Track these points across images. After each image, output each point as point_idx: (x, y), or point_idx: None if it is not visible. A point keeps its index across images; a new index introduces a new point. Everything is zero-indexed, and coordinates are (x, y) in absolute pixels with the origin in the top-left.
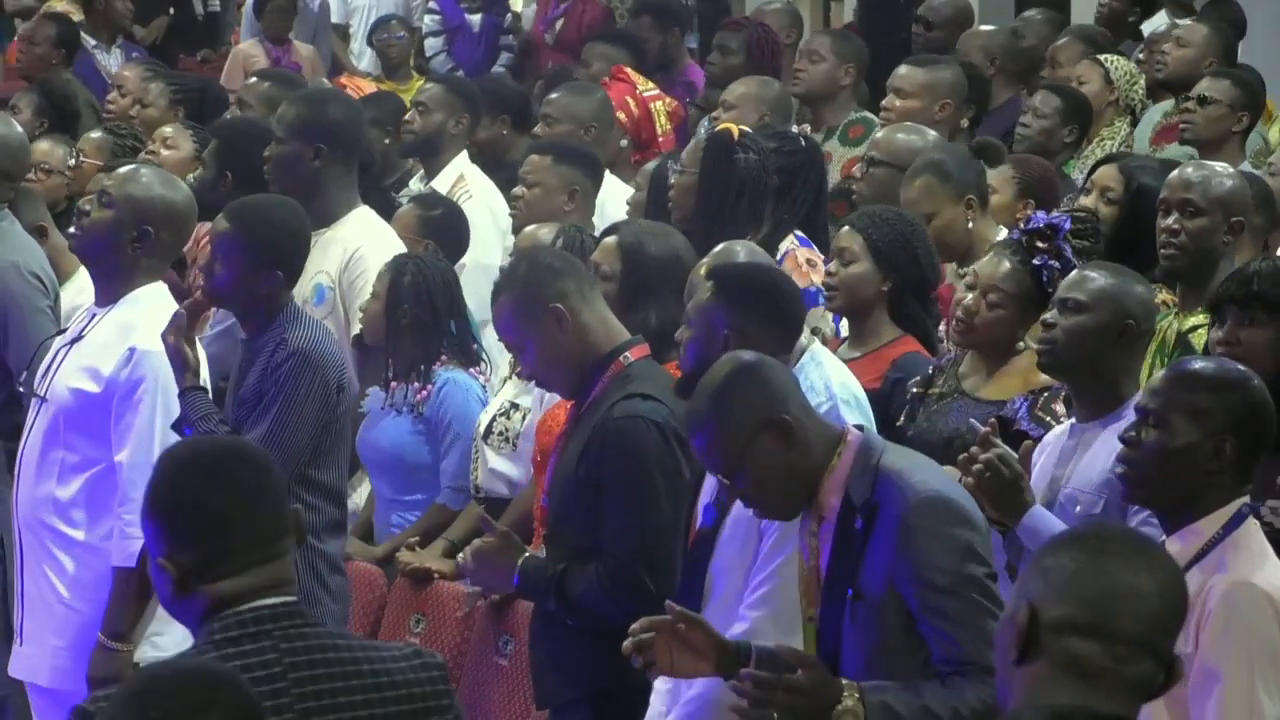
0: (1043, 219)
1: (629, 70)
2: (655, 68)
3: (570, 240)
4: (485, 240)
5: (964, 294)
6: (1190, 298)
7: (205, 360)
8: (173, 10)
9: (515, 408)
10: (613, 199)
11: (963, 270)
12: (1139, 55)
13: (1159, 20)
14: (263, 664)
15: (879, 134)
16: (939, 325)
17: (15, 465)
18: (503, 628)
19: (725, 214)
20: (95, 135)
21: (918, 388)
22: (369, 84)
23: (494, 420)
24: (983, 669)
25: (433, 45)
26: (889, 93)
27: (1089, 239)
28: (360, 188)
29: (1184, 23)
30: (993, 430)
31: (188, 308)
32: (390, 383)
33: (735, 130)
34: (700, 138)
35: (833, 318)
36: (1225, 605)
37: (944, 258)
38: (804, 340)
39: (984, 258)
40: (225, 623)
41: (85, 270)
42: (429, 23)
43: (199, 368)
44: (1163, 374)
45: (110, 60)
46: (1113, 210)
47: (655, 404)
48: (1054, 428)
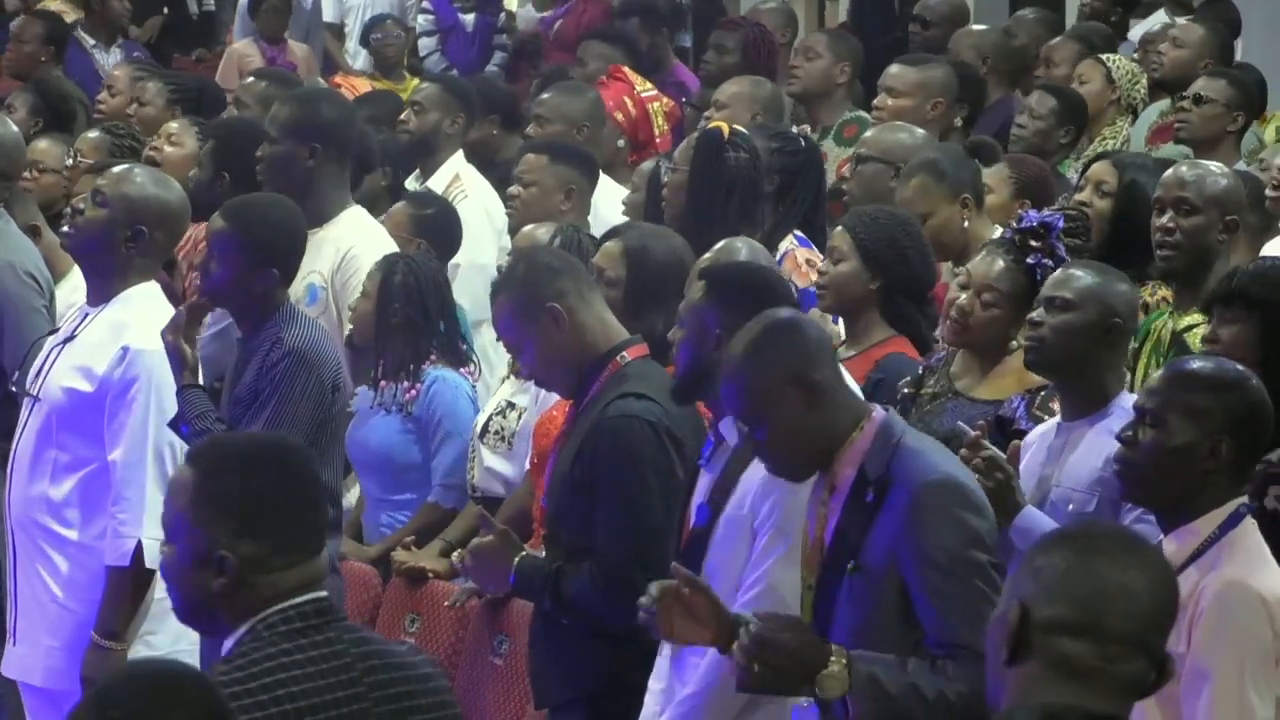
0: (1035, 218)
1: (627, 70)
2: (644, 69)
3: (568, 240)
4: (480, 240)
5: (957, 294)
6: (1185, 296)
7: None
8: (167, 10)
9: (511, 407)
10: (606, 199)
11: (958, 270)
12: (1134, 55)
13: (1154, 20)
14: (335, 655)
15: (868, 133)
16: (935, 325)
17: (8, 465)
18: (498, 627)
19: (716, 212)
20: (93, 135)
21: (909, 388)
22: (364, 83)
23: (490, 419)
24: (975, 655)
25: (426, 45)
26: (880, 92)
27: (1079, 237)
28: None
29: (1181, 21)
30: (982, 433)
31: (189, 308)
32: (379, 382)
33: (726, 128)
34: (692, 136)
35: (832, 318)
36: (1218, 605)
37: (940, 257)
38: None
39: (977, 257)
40: (286, 614)
41: (79, 269)
42: (423, 22)
43: (197, 366)
44: (1161, 373)
45: (110, 60)
46: (1107, 204)
47: (649, 403)
48: (1037, 427)
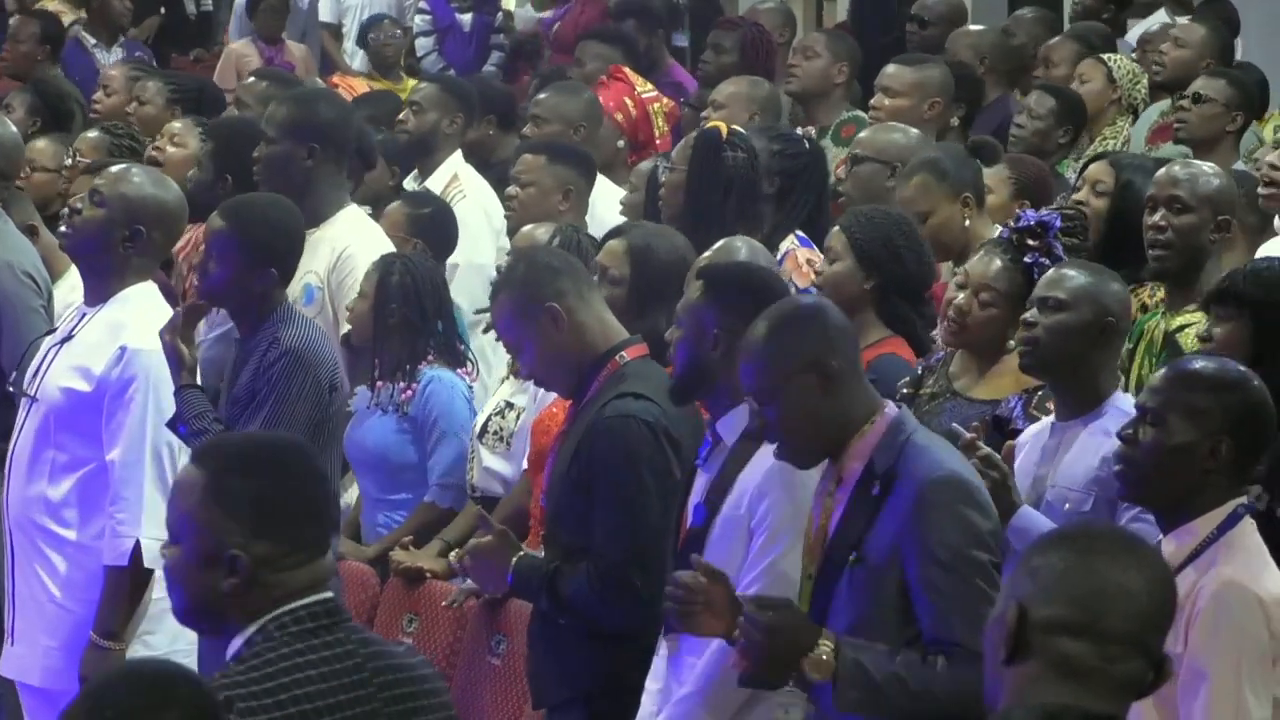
0: (1033, 217)
1: (628, 71)
2: (641, 69)
3: (567, 240)
4: (478, 240)
5: (955, 293)
6: (1177, 296)
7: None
8: (164, 10)
9: (510, 407)
10: (603, 199)
11: (958, 269)
12: (1132, 55)
13: (1153, 20)
14: (347, 654)
15: (863, 133)
16: (932, 325)
17: (6, 465)
18: (495, 627)
19: (713, 212)
20: (92, 135)
21: (908, 388)
22: (361, 83)
23: (489, 420)
24: (969, 654)
25: (423, 45)
26: (877, 92)
27: (1077, 237)
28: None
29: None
30: (978, 434)
31: (187, 309)
32: (376, 382)
33: (724, 128)
34: (689, 136)
35: None
36: (1215, 605)
37: (940, 257)
38: None
39: (974, 256)
40: (297, 615)
41: (77, 268)
42: (419, 22)
43: (195, 366)
44: (1162, 372)
45: (111, 60)
46: (1103, 203)
47: (647, 403)
48: (1030, 426)
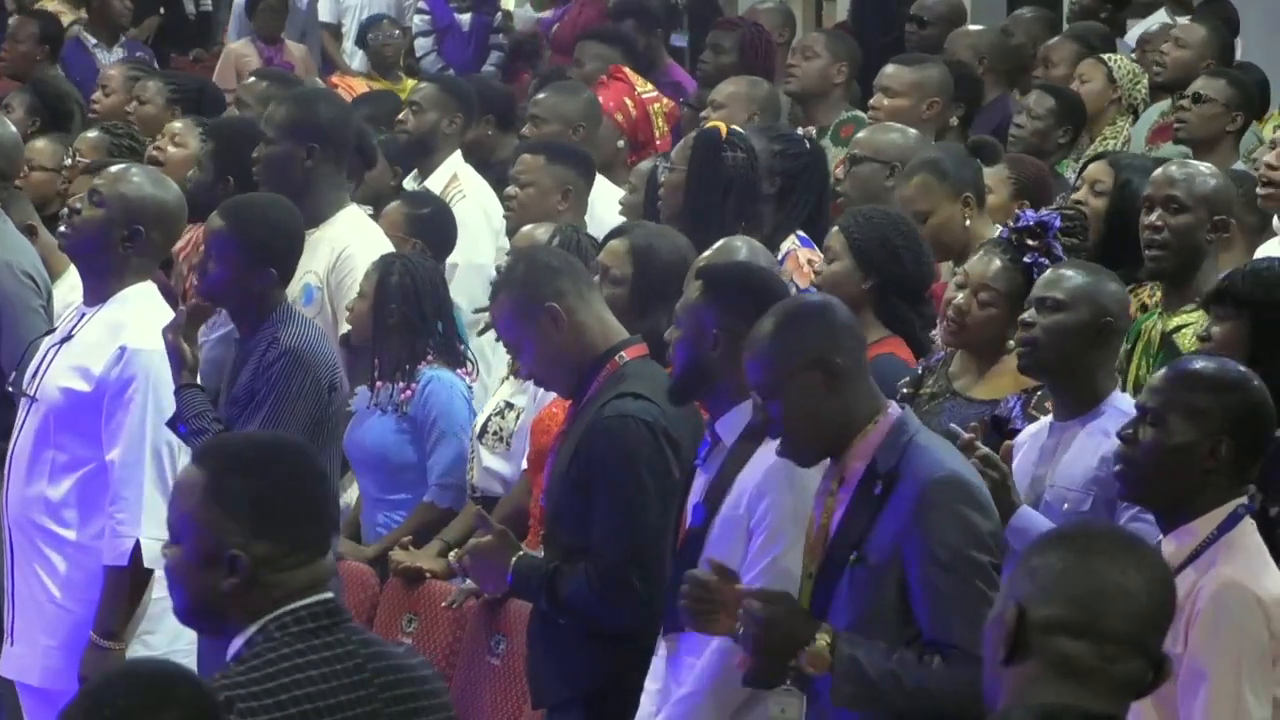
0: (1032, 217)
1: (628, 71)
2: (639, 69)
3: (567, 240)
4: (478, 240)
5: (954, 293)
6: (1174, 297)
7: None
8: (163, 10)
9: (510, 407)
10: (601, 199)
11: (958, 269)
12: (1131, 55)
13: (1152, 20)
14: (347, 655)
15: (860, 134)
16: (931, 325)
17: (5, 465)
18: (495, 627)
19: (713, 212)
20: (92, 135)
21: (908, 388)
22: (361, 83)
23: (489, 420)
24: (966, 655)
25: (422, 45)
26: (876, 92)
27: (1077, 236)
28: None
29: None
30: (977, 434)
31: (190, 310)
32: (376, 382)
33: (723, 128)
34: (689, 136)
35: None
36: (1214, 606)
37: (941, 256)
38: None
39: (974, 256)
40: (297, 615)
41: (75, 268)
42: (418, 23)
43: (196, 366)
44: (1163, 372)
45: (112, 60)
46: (1102, 203)
47: (646, 403)
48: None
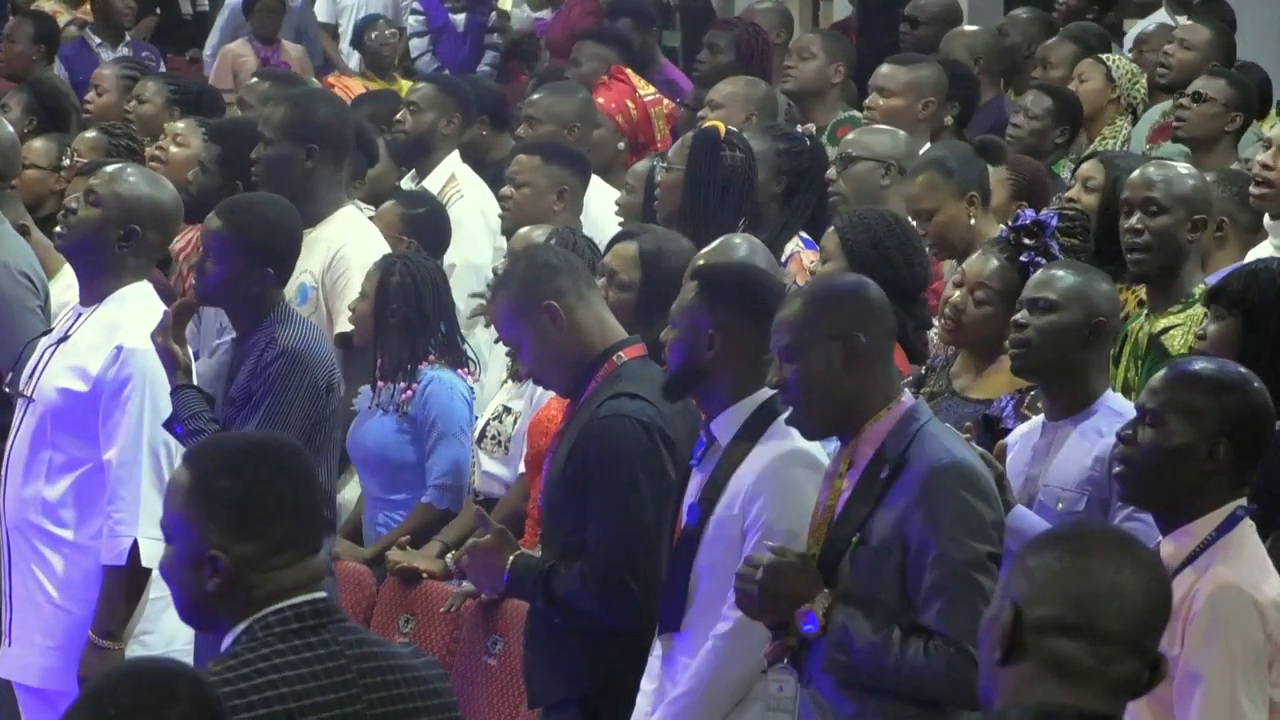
0: (1030, 216)
1: (629, 72)
2: (635, 68)
3: (563, 241)
4: (476, 240)
5: (952, 292)
6: (1159, 298)
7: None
8: (160, 10)
9: (508, 411)
10: (597, 199)
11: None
12: (1128, 54)
13: (1149, 20)
14: (330, 656)
15: (850, 135)
16: (926, 327)
17: (2, 466)
18: (492, 628)
19: (711, 212)
20: (90, 135)
21: (910, 387)
22: (357, 84)
23: (487, 424)
24: (951, 641)
25: (418, 46)
26: (872, 92)
27: (1077, 237)
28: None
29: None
30: (969, 434)
31: (176, 309)
32: (377, 382)
33: (721, 128)
34: (687, 136)
35: None
36: (1210, 608)
37: (945, 255)
38: None
39: (973, 255)
40: (282, 615)
41: (69, 267)
42: (413, 23)
43: (189, 366)
44: (1162, 373)
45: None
46: (1093, 199)
47: (642, 403)
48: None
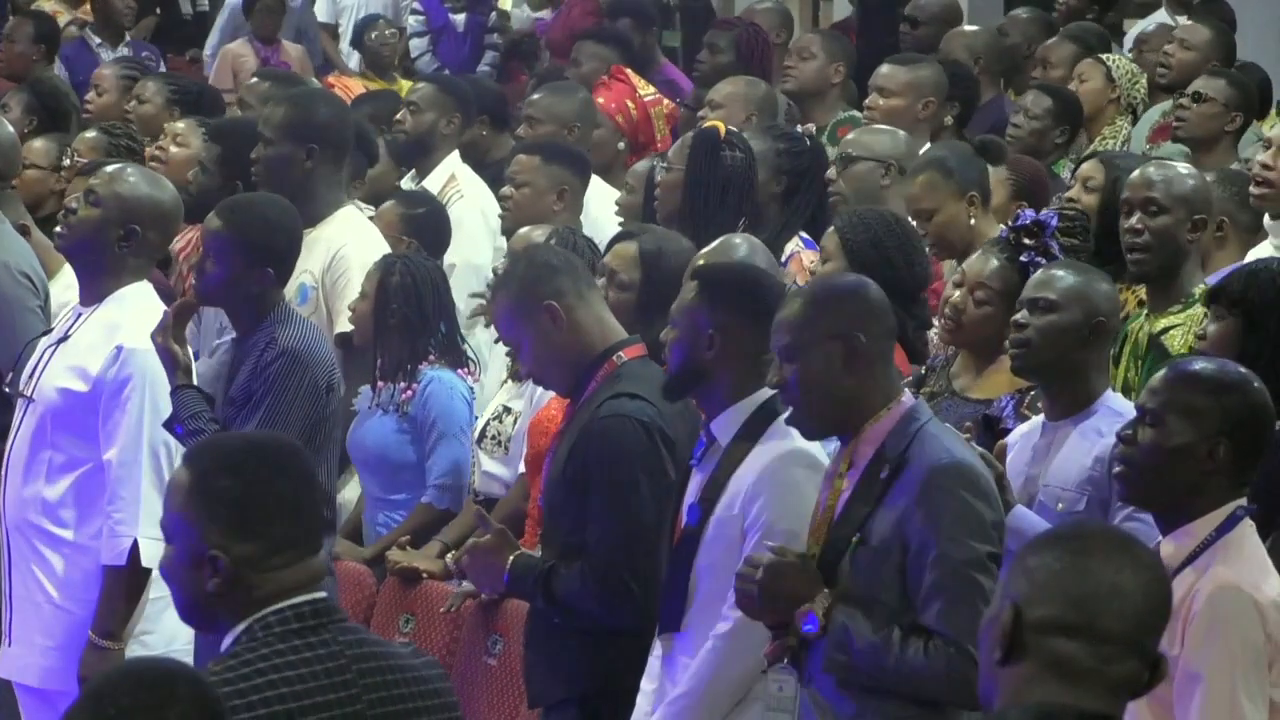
0: (1030, 216)
1: (629, 73)
2: (635, 68)
3: (563, 241)
4: (476, 240)
5: (952, 292)
6: (1159, 298)
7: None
8: (159, 10)
9: (508, 411)
10: (597, 199)
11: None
12: (1128, 54)
13: (1152, 19)
14: (330, 656)
15: (850, 135)
16: (926, 327)
17: (2, 466)
18: (492, 628)
19: (711, 212)
20: (90, 135)
21: (910, 387)
22: (357, 83)
23: (487, 424)
24: (951, 641)
25: (417, 46)
26: (872, 92)
27: (1078, 237)
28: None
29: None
30: (969, 434)
31: (177, 309)
32: (378, 382)
33: (722, 128)
34: (687, 136)
35: None
36: (1210, 608)
37: (945, 254)
38: None
39: (974, 255)
40: (282, 615)
41: (69, 266)
42: (413, 23)
43: (189, 366)
44: (1162, 373)
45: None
46: (1093, 199)
47: (642, 403)
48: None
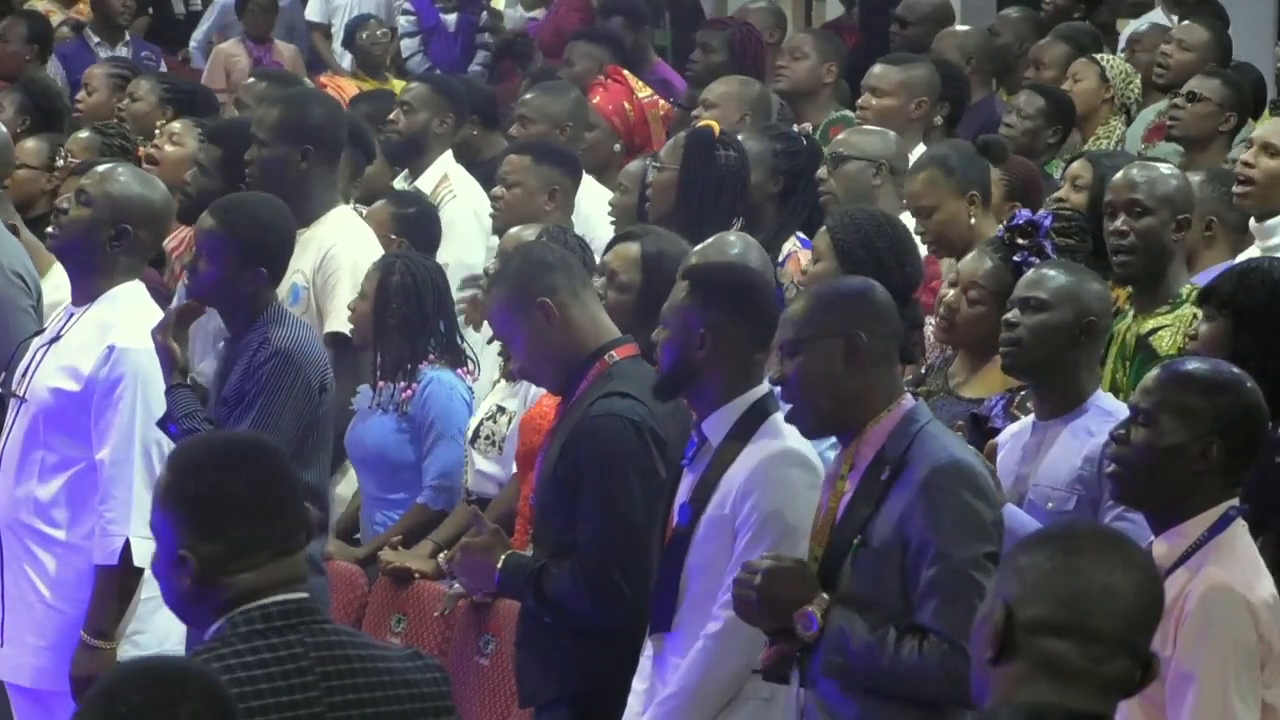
0: (1025, 216)
1: (626, 74)
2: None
3: (554, 240)
4: (468, 240)
5: (947, 290)
6: (1145, 300)
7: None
8: (152, 10)
9: (501, 411)
10: (589, 199)
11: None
12: (1121, 53)
13: (1145, 19)
14: (292, 657)
15: (841, 135)
16: (918, 327)
17: None
18: (484, 627)
19: (705, 211)
20: (83, 135)
21: (909, 386)
22: (349, 83)
23: (481, 424)
24: (948, 641)
25: (408, 46)
26: (864, 92)
27: (1074, 237)
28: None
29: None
30: (960, 433)
31: (181, 310)
32: (377, 382)
33: (716, 127)
34: (680, 135)
35: None
36: (1202, 609)
37: (944, 252)
38: None
39: (969, 255)
40: (249, 615)
41: (59, 266)
42: (404, 23)
43: (187, 365)
44: (1155, 373)
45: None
46: (1082, 197)
47: (633, 402)
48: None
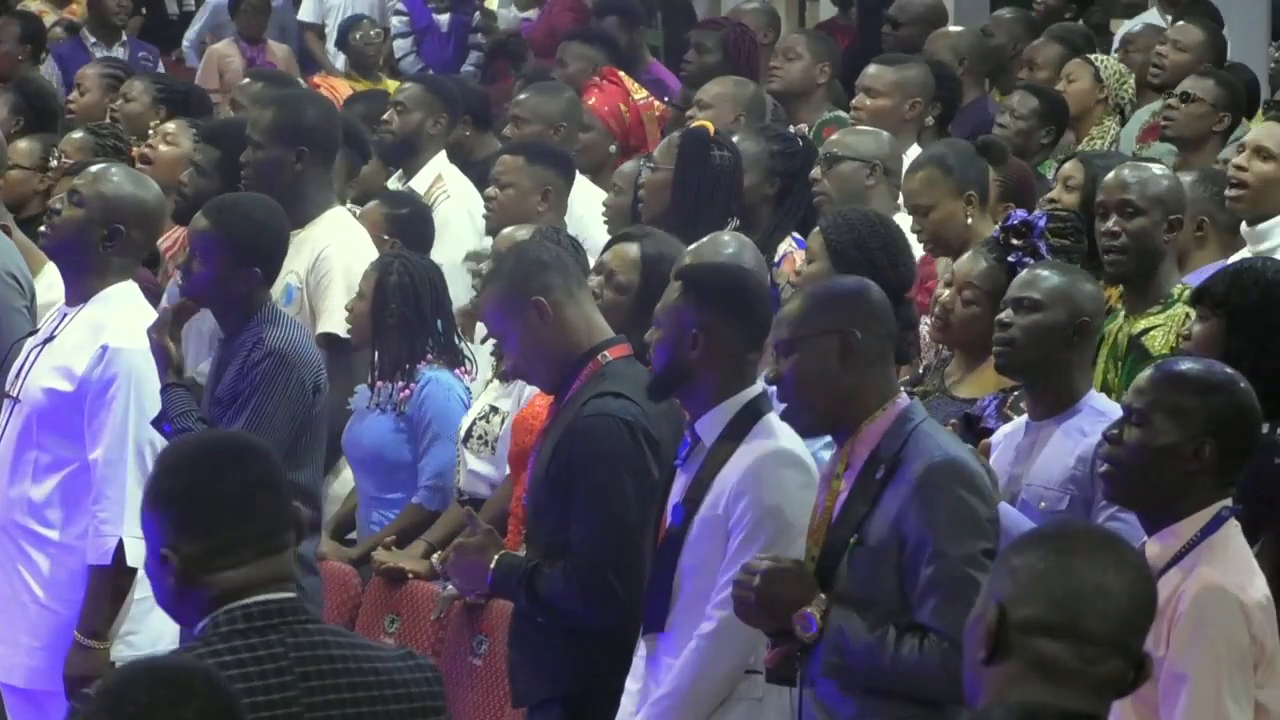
0: (1020, 216)
1: (622, 75)
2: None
3: (548, 240)
4: (462, 241)
5: (943, 291)
6: (1137, 300)
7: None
8: (145, 10)
9: (495, 411)
10: (582, 200)
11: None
12: (1115, 53)
13: (1139, 20)
14: (271, 657)
15: (835, 135)
16: (911, 328)
17: None
18: (477, 628)
19: (699, 212)
20: (77, 135)
21: (906, 386)
22: (343, 83)
23: (473, 424)
24: (946, 639)
25: (401, 46)
26: (858, 92)
27: (1069, 238)
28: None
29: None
30: (954, 431)
31: (177, 308)
32: (375, 382)
33: (710, 128)
34: (674, 135)
35: None
36: (1195, 609)
37: (941, 252)
38: None
39: (965, 255)
40: (231, 615)
41: (52, 266)
42: (397, 24)
43: (181, 365)
44: (1149, 373)
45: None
46: (1074, 198)
47: (626, 402)
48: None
